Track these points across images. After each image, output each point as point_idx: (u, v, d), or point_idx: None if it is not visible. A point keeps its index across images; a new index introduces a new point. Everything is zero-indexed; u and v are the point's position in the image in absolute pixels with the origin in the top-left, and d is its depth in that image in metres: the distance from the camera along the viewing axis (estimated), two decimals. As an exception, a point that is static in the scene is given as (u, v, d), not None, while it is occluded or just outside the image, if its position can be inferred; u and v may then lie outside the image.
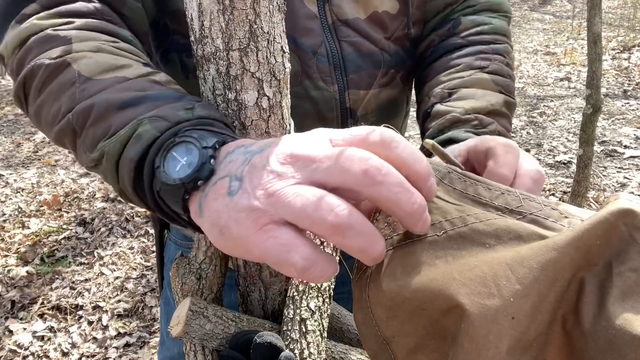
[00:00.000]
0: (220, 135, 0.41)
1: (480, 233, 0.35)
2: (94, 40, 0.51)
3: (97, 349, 2.06)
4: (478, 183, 0.38)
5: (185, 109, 0.44)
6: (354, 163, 0.32)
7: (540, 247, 0.32)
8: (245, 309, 0.60)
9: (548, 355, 0.32)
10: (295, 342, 0.52)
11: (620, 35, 6.37)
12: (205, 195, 0.38)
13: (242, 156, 0.37)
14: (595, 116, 2.29)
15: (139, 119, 0.44)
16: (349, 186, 0.33)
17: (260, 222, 0.33)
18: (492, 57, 0.74)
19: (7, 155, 3.88)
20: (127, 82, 0.47)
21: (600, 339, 0.30)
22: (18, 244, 2.68)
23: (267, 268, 0.56)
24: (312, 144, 0.35)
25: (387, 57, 0.74)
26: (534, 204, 0.36)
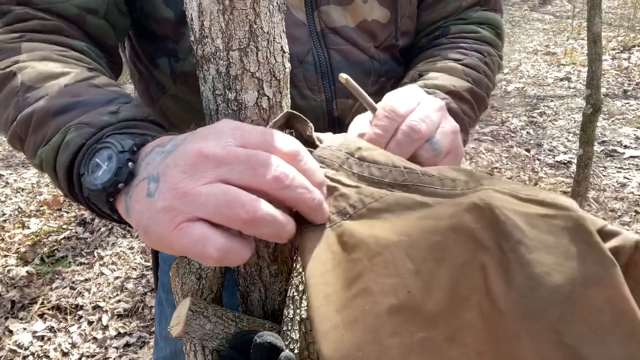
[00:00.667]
0: (140, 136, 0.44)
1: (376, 210, 0.42)
2: (42, 50, 0.55)
3: (97, 349, 2.06)
4: (372, 165, 0.44)
5: (110, 113, 0.47)
6: (266, 169, 0.37)
7: (426, 232, 0.40)
8: (245, 309, 0.60)
9: (469, 339, 0.37)
10: (295, 342, 0.52)
11: (620, 35, 6.37)
12: (129, 197, 0.40)
13: (158, 156, 0.40)
14: (595, 116, 2.29)
15: (67, 127, 0.46)
16: (260, 189, 0.37)
17: (175, 221, 0.36)
18: (469, 53, 0.75)
19: (7, 155, 3.88)
20: (65, 88, 0.50)
21: (515, 310, 0.36)
22: (18, 244, 2.68)
23: (267, 268, 0.56)
24: (221, 142, 0.38)
25: (376, 65, 0.74)
26: (413, 175, 0.43)
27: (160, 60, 0.70)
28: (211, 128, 0.40)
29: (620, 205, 2.94)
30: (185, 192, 0.36)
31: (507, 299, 0.37)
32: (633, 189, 3.10)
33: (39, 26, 0.57)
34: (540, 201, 0.39)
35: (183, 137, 0.41)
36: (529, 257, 0.37)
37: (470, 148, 3.79)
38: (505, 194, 0.40)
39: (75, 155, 0.45)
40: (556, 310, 0.35)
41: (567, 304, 0.36)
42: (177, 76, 0.69)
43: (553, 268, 0.36)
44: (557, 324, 0.35)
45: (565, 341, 0.35)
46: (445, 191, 0.42)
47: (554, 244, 0.37)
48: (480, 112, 0.76)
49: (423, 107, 0.54)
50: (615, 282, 0.35)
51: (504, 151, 3.77)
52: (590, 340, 0.35)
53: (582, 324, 0.35)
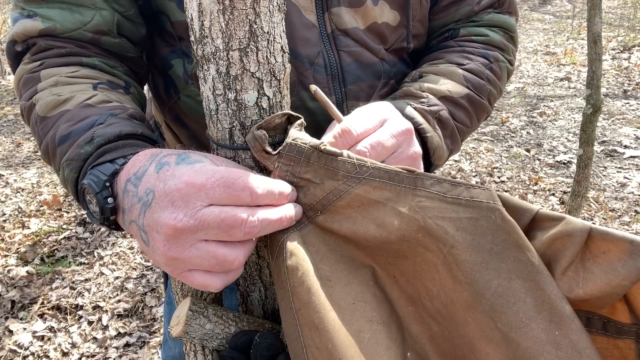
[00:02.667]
0: (114, 162, 0.50)
1: (339, 207, 0.48)
2: (55, 75, 0.62)
3: (97, 349, 2.06)
4: (333, 157, 0.48)
5: (86, 143, 0.52)
6: (237, 230, 0.43)
7: (385, 241, 0.47)
8: (245, 309, 0.60)
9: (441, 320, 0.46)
10: (295, 342, 0.52)
11: (620, 35, 6.37)
12: (125, 225, 0.49)
13: (134, 199, 0.46)
14: (595, 116, 2.29)
15: (61, 164, 0.54)
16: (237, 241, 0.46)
17: (176, 272, 0.45)
18: (474, 58, 0.74)
19: (7, 155, 3.88)
20: (67, 114, 0.57)
21: (461, 301, 0.44)
22: (18, 244, 2.68)
23: (267, 268, 0.56)
24: (189, 211, 0.42)
25: (387, 67, 0.74)
26: (364, 169, 0.47)
27: (174, 61, 0.71)
28: (176, 185, 0.43)
29: (620, 205, 2.94)
30: (175, 257, 0.43)
31: (455, 291, 0.44)
32: (633, 189, 3.09)
33: (57, 53, 0.64)
34: (465, 204, 0.45)
35: (148, 188, 0.45)
36: (461, 258, 0.44)
37: (470, 148, 3.79)
38: (435, 199, 0.46)
39: (77, 189, 0.52)
40: (488, 302, 0.43)
41: (496, 297, 0.43)
42: (190, 77, 0.70)
43: (482, 266, 0.44)
44: (491, 313, 0.43)
45: (499, 327, 0.43)
46: (392, 185, 0.47)
47: (480, 244, 0.44)
48: (480, 119, 0.75)
49: (381, 132, 0.54)
50: (533, 276, 0.42)
51: (504, 151, 3.77)
52: (517, 327, 0.42)
53: (510, 314, 0.42)
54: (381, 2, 0.70)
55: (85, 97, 0.58)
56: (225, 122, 0.49)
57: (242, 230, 0.43)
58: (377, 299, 0.47)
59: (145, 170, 0.46)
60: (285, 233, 0.48)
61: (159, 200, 0.43)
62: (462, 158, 3.63)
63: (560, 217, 0.43)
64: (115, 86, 0.64)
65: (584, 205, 2.52)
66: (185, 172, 0.43)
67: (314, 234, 0.48)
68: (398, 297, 0.48)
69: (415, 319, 0.47)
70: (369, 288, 0.48)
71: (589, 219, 2.83)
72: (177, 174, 0.43)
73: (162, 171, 0.44)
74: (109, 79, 0.64)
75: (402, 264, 0.47)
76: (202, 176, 0.43)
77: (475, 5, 0.77)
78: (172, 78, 0.72)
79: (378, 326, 0.46)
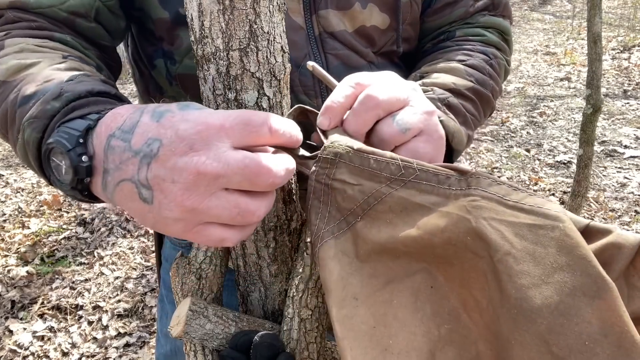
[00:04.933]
0: (86, 118, 0.43)
1: (380, 212, 0.44)
2: (21, 43, 0.55)
3: (97, 349, 2.06)
4: (369, 155, 0.45)
5: (53, 99, 0.45)
6: (261, 179, 0.40)
7: (429, 245, 0.42)
8: (245, 309, 0.60)
9: (486, 335, 0.41)
10: (295, 342, 0.52)
11: (620, 35, 6.37)
12: (108, 189, 0.41)
13: (127, 154, 0.39)
14: (595, 116, 2.29)
15: (22, 125, 0.46)
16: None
17: (189, 227, 0.40)
18: (474, 55, 0.73)
19: (7, 155, 3.87)
20: (32, 76, 0.49)
21: (507, 318, 0.38)
22: (18, 244, 2.68)
23: (267, 268, 0.56)
24: (212, 153, 0.38)
25: (375, 70, 0.72)
26: (410, 170, 0.44)
27: (157, 61, 0.70)
28: (193, 128, 0.39)
29: (620, 205, 2.94)
30: (193, 207, 0.39)
31: (501, 307, 0.38)
32: (633, 189, 3.09)
33: (27, 26, 0.59)
34: (528, 210, 0.40)
35: (144, 128, 0.40)
36: (517, 268, 0.38)
37: (470, 148, 3.79)
38: (492, 200, 0.41)
39: (39, 152, 0.45)
40: (544, 322, 0.36)
41: (555, 315, 0.36)
42: (174, 78, 0.69)
43: (541, 279, 0.37)
44: (546, 335, 0.36)
45: (554, 352, 0.36)
46: (441, 189, 0.43)
47: (541, 255, 0.38)
48: (486, 113, 0.73)
49: (390, 82, 0.50)
50: (603, 294, 0.36)
51: (504, 151, 3.77)
52: (578, 352, 0.36)
53: (571, 336, 0.36)
54: (370, 5, 0.70)
55: (53, 62, 0.52)
56: (225, 122, 0.49)
57: (267, 179, 0.40)
58: (397, 322, 0.43)
59: (135, 122, 0.40)
60: (321, 241, 0.45)
61: (171, 147, 0.38)
62: (462, 158, 3.63)
63: (610, 229, 0.40)
64: (87, 63, 0.58)
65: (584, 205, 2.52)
66: (199, 115, 0.39)
67: (350, 242, 0.45)
68: (434, 313, 0.43)
69: (453, 339, 0.42)
70: (391, 309, 0.43)
71: (588, 219, 2.83)
72: (189, 118, 0.39)
73: (164, 119, 0.39)
74: (80, 55, 0.58)
75: (447, 270, 0.43)
76: (218, 117, 0.39)
77: (470, 7, 0.77)
78: (156, 79, 0.71)
79: (392, 357, 0.42)
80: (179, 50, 0.67)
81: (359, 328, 0.42)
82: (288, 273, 0.57)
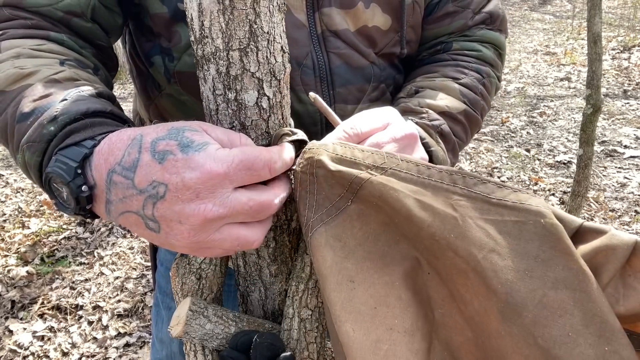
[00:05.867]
0: (81, 145, 0.44)
1: (368, 197, 0.45)
2: (18, 47, 0.56)
3: (97, 349, 2.06)
4: (355, 147, 0.47)
5: (49, 122, 0.46)
6: (264, 213, 0.45)
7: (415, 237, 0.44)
8: (245, 309, 0.60)
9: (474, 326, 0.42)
10: (295, 342, 0.52)
11: (620, 35, 6.37)
12: (111, 216, 0.44)
13: (131, 191, 0.42)
14: (595, 116, 2.29)
15: (21, 147, 0.48)
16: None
17: (193, 250, 0.45)
18: (468, 73, 0.74)
19: (7, 155, 3.87)
20: (30, 89, 0.50)
21: (495, 312, 0.40)
22: (18, 244, 2.68)
23: (267, 268, 0.56)
24: (217, 200, 0.42)
25: (377, 71, 0.73)
26: (393, 160, 0.46)
27: (155, 58, 0.69)
28: (198, 177, 0.41)
29: (620, 205, 2.94)
30: (199, 241, 0.43)
31: (488, 300, 0.40)
32: (633, 189, 3.09)
33: (22, 25, 0.59)
34: (511, 206, 0.41)
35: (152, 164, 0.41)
36: (501, 264, 0.40)
37: (470, 148, 3.79)
38: (478, 200, 0.42)
39: (41, 174, 0.47)
40: (530, 315, 0.38)
41: (540, 308, 0.38)
42: (172, 75, 0.68)
43: (525, 274, 0.39)
44: (532, 327, 0.38)
45: (539, 343, 0.38)
46: (419, 178, 0.44)
47: (525, 250, 0.40)
48: (473, 134, 0.75)
49: (386, 133, 0.52)
50: (584, 286, 0.38)
51: (504, 151, 3.77)
52: (562, 343, 0.37)
53: (554, 327, 0.38)
54: (373, 5, 0.69)
55: (51, 72, 0.53)
56: (225, 122, 0.49)
57: (267, 213, 0.45)
58: (402, 303, 0.44)
59: (135, 160, 0.42)
60: (312, 230, 0.46)
61: (177, 193, 0.41)
62: (462, 158, 3.63)
63: (604, 229, 0.40)
64: (84, 65, 0.59)
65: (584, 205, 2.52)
66: (203, 162, 0.41)
67: (343, 227, 0.46)
68: (429, 297, 0.45)
69: (446, 322, 0.44)
70: (393, 290, 0.44)
71: (589, 219, 2.83)
72: (193, 165, 0.41)
73: (167, 162, 0.41)
74: (77, 57, 0.59)
75: (434, 262, 0.44)
76: (222, 164, 0.41)
77: (470, 20, 0.77)
78: (153, 76, 0.71)
79: (398, 336, 0.43)
80: (177, 47, 0.66)
81: (359, 309, 0.43)
82: (288, 273, 0.57)
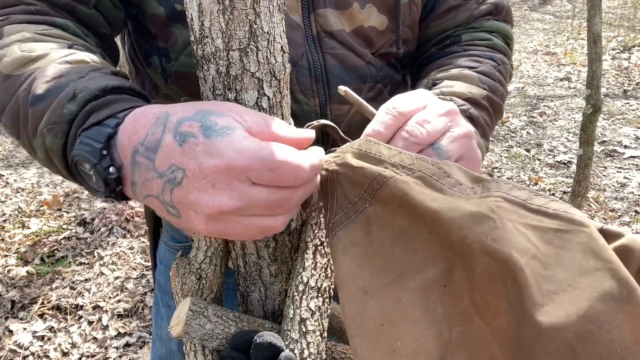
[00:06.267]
0: (103, 124, 0.43)
1: (388, 198, 0.43)
2: (23, 31, 0.54)
3: (97, 349, 2.06)
4: (380, 144, 0.46)
5: (68, 100, 0.45)
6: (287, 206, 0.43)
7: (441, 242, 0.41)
8: (245, 309, 0.60)
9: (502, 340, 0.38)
10: (295, 342, 0.52)
11: (620, 35, 6.37)
12: (138, 198, 0.44)
13: (152, 174, 0.41)
14: (595, 116, 2.29)
15: (40, 131, 0.46)
16: None
17: (219, 235, 0.43)
18: (483, 61, 0.73)
19: (7, 155, 3.87)
20: (40, 71, 0.48)
21: (531, 326, 0.35)
22: (18, 244, 2.68)
23: (267, 268, 0.56)
24: (234, 193, 0.40)
25: (373, 71, 0.72)
26: (422, 162, 0.44)
27: (152, 58, 0.69)
28: (216, 166, 0.39)
29: (620, 205, 2.94)
30: (217, 231, 0.42)
31: (522, 313, 0.36)
32: (633, 189, 3.09)
33: (26, 10, 0.57)
34: (552, 214, 0.38)
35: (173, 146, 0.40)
36: (544, 273, 0.36)
37: (470, 148, 3.79)
38: (516, 204, 0.39)
39: (65, 158, 0.46)
40: (573, 329, 0.34)
41: (584, 322, 0.34)
42: (169, 76, 0.68)
43: (569, 284, 0.35)
44: (574, 342, 0.34)
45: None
46: (449, 189, 0.42)
47: (568, 259, 0.36)
48: (497, 120, 0.73)
49: (428, 110, 0.51)
50: (634, 298, 0.34)
51: (504, 151, 3.77)
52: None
53: (601, 343, 0.34)
54: (369, 6, 0.69)
55: (61, 54, 0.51)
56: (225, 122, 0.49)
57: (287, 209, 0.43)
58: (407, 323, 0.41)
59: (158, 140, 0.41)
60: (332, 233, 0.44)
61: (193, 180, 0.39)
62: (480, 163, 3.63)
63: (622, 232, 0.38)
64: (92, 50, 0.57)
65: (584, 205, 2.52)
66: (223, 149, 0.39)
67: (361, 231, 0.43)
68: (445, 313, 0.41)
69: (465, 341, 0.40)
70: (399, 308, 0.42)
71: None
72: (213, 151, 0.39)
73: (187, 145, 0.39)
74: (83, 43, 0.57)
75: (462, 269, 0.40)
76: (244, 157, 0.39)
77: (475, 10, 0.77)
78: (151, 77, 0.71)
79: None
80: (174, 47, 0.67)
81: (367, 325, 0.41)
82: (288, 273, 0.57)
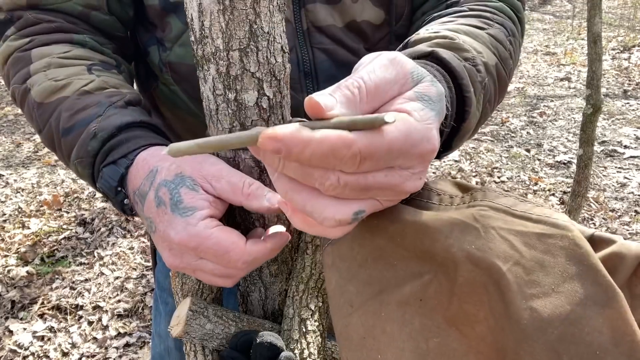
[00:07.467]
0: (118, 164, 0.54)
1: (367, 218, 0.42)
2: (47, 56, 0.61)
3: (97, 349, 2.06)
4: None
5: (91, 139, 0.54)
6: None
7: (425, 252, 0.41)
8: (245, 309, 0.60)
9: (483, 349, 0.38)
10: (295, 342, 0.52)
11: (620, 35, 6.37)
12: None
13: (141, 213, 0.51)
14: (595, 116, 2.29)
15: (73, 161, 0.57)
16: None
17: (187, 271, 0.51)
18: (494, 25, 0.61)
19: (7, 155, 3.87)
20: (66, 102, 0.58)
21: (515, 329, 0.36)
22: (18, 244, 2.68)
23: (267, 268, 0.56)
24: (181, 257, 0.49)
25: None
26: None
27: (151, 48, 0.71)
28: (173, 238, 0.47)
29: (620, 205, 2.94)
30: (180, 268, 0.50)
31: (507, 318, 0.37)
32: (633, 189, 3.09)
33: (46, 29, 0.63)
34: (536, 219, 0.39)
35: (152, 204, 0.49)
36: (527, 278, 0.37)
37: (470, 148, 3.79)
38: (500, 210, 0.40)
39: (95, 185, 0.57)
40: (555, 331, 0.36)
41: (566, 325, 0.36)
42: (164, 65, 0.70)
43: (551, 289, 0.37)
44: (557, 344, 0.36)
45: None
46: (437, 205, 0.43)
47: (551, 264, 0.37)
48: (499, 101, 0.61)
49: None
50: (614, 303, 0.36)
51: (504, 151, 3.77)
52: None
53: (582, 345, 0.35)
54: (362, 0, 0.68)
55: (82, 83, 0.59)
56: (225, 123, 0.49)
57: (231, 281, 0.50)
58: (385, 337, 0.41)
59: (145, 193, 0.50)
60: (322, 249, 0.46)
61: (159, 237, 0.49)
62: (462, 158, 3.63)
63: (614, 239, 0.39)
64: (109, 66, 0.64)
65: (584, 205, 2.52)
66: (180, 229, 0.47)
67: (347, 246, 0.44)
68: (422, 326, 0.41)
69: (443, 351, 0.41)
70: (379, 321, 0.42)
71: (589, 219, 2.83)
72: (173, 226, 0.47)
73: (160, 210, 0.48)
74: (101, 58, 0.64)
75: (441, 281, 0.41)
76: (193, 240, 0.46)
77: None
78: (149, 65, 0.73)
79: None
80: (168, 37, 0.68)
81: (352, 338, 0.42)
82: (288, 273, 0.57)
